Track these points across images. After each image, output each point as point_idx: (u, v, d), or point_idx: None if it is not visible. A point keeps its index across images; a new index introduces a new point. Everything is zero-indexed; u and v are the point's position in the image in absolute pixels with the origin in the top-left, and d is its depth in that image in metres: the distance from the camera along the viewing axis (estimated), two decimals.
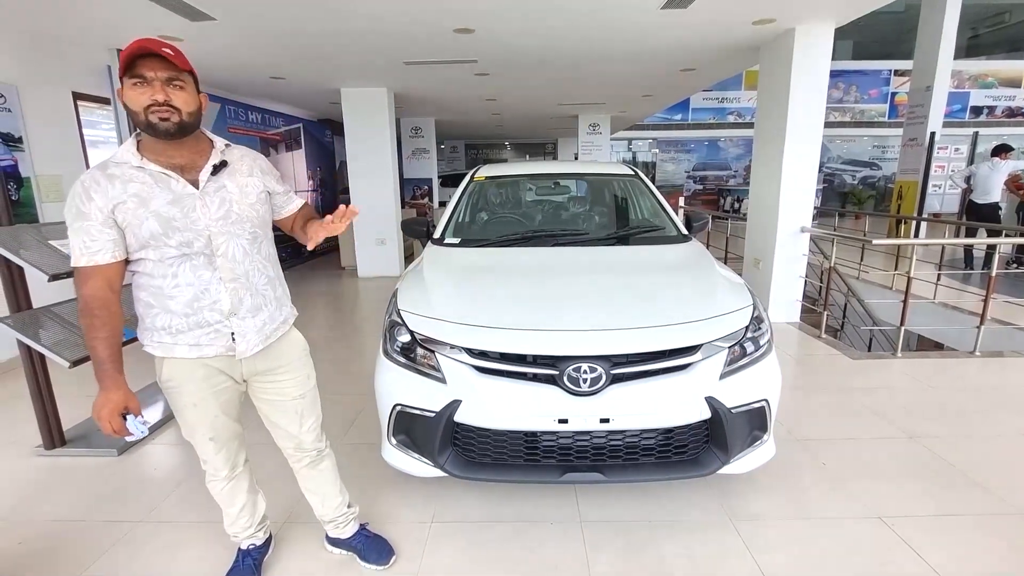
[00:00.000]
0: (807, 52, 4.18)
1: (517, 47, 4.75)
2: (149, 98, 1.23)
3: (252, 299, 1.43)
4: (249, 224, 1.42)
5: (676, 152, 16.30)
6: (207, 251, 1.35)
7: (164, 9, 3.47)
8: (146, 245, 1.31)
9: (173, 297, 1.34)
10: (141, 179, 1.29)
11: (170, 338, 1.37)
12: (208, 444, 1.52)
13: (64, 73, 4.36)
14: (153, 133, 1.27)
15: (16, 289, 2.42)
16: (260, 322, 1.45)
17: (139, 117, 1.25)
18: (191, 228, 1.32)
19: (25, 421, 2.71)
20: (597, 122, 9.95)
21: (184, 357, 1.39)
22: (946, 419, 2.81)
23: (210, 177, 1.36)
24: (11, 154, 3.89)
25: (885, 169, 15.19)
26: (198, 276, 1.35)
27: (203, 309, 1.36)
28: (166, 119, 1.25)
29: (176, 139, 1.30)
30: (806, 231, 4.55)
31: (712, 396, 1.82)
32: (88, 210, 1.26)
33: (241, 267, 1.40)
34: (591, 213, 3.46)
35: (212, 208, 1.35)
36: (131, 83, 1.24)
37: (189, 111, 1.29)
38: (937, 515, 2.03)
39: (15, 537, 1.96)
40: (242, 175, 1.43)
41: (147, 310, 1.37)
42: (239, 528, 1.69)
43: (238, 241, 1.39)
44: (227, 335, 1.40)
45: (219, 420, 1.50)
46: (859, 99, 14.65)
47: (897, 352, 3.84)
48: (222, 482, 1.60)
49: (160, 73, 1.24)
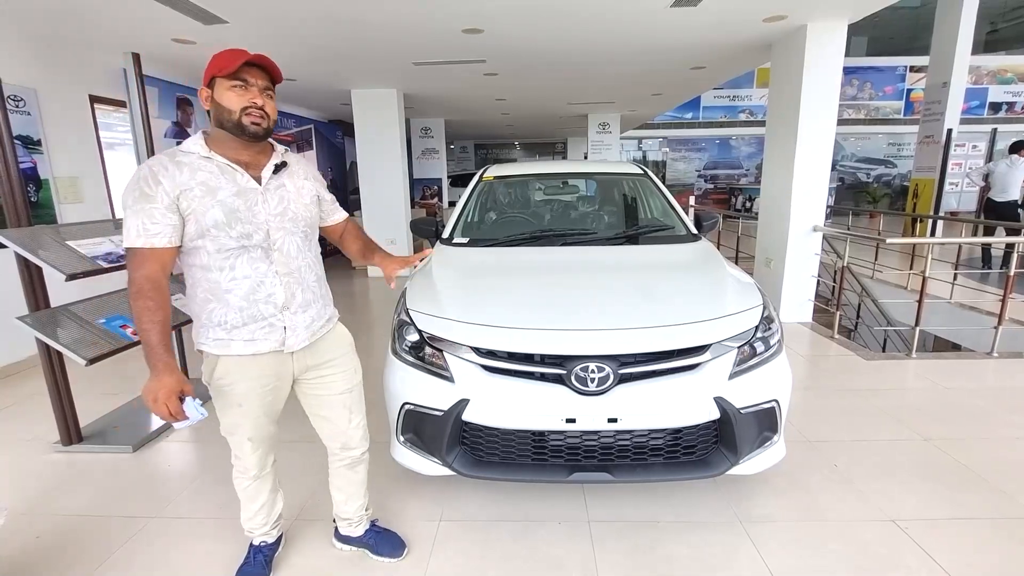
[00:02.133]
0: (819, 49, 4.13)
1: (526, 47, 4.75)
2: (248, 100, 1.34)
3: (303, 294, 1.49)
4: (303, 223, 1.50)
5: (687, 151, 16.18)
6: (264, 244, 1.41)
7: (178, 13, 3.52)
8: (205, 234, 1.34)
9: (230, 291, 1.39)
10: (208, 169, 1.36)
11: (225, 334, 1.41)
12: (245, 444, 1.55)
13: (81, 76, 4.45)
14: (240, 133, 1.36)
15: (35, 288, 2.47)
16: (309, 318, 1.52)
17: (232, 116, 1.34)
18: (252, 221, 1.38)
19: (43, 418, 2.77)
20: (607, 121, 9.92)
21: (239, 354, 1.43)
22: (961, 421, 2.76)
23: (271, 176, 1.44)
24: (30, 156, 3.98)
25: (900, 167, 14.95)
26: (255, 268, 1.40)
27: (258, 302, 1.41)
28: (258, 123, 1.36)
29: (258, 142, 1.41)
30: (818, 230, 4.50)
31: (721, 396, 1.80)
32: (154, 193, 1.29)
33: (295, 262, 1.47)
34: (600, 212, 3.45)
35: (272, 204, 1.43)
36: (230, 85, 1.34)
37: (273, 119, 1.42)
38: (951, 518, 2.00)
39: (33, 531, 2.01)
40: (299, 177, 1.52)
41: (204, 306, 1.41)
42: (255, 524, 1.72)
43: (292, 238, 1.47)
44: (280, 329, 1.45)
45: (260, 422, 1.54)
46: (874, 96, 14.42)
47: (912, 353, 3.79)
48: (249, 480, 1.64)
49: (260, 82, 1.37)
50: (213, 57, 1.35)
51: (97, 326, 2.59)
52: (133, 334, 2.67)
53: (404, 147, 7.10)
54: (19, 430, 2.87)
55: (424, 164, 10.51)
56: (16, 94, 3.84)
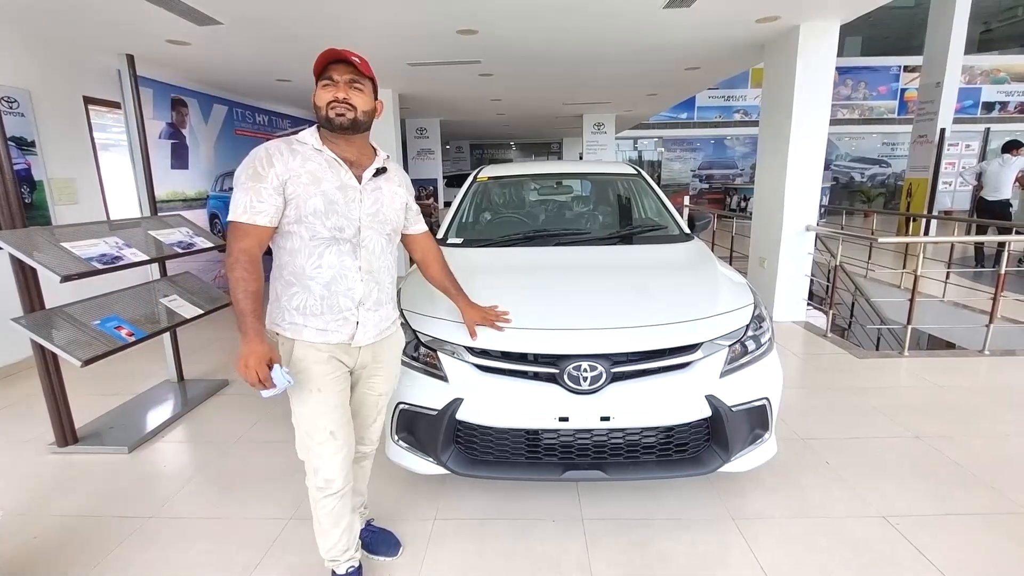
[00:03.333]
0: (812, 49, 4.16)
1: (520, 48, 4.77)
2: (332, 95, 1.40)
3: (379, 293, 1.54)
4: (390, 226, 1.55)
5: (682, 151, 16.24)
6: (354, 240, 1.46)
7: (172, 14, 3.52)
8: (302, 220, 1.40)
9: (313, 278, 1.43)
10: (318, 160, 1.43)
11: (302, 319, 1.45)
12: (328, 443, 1.48)
13: (75, 78, 4.44)
14: (330, 127, 1.42)
15: (30, 290, 2.47)
16: (379, 317, 1.55)
17: (321, 112, 1.42)
18: (347, 215, 1.44)
19: (40, 419, 2.76)
20: (602, 121, 9.94)
21: (310, 341, 1.45)
22: (953, 418, 2.79)
23: (371, 178, 1.50)
24: (24, 158, 3.96)
25: (895, 166, 15.03)
26: (341, 261, 1.45)
27: (338, 294, 1.45)
28: (342, 114, 1.40)
29: (348, 134, 1.44)
30: (811, 229, 4.53)
31: (712, 394, 1.82)
32: (266, 174, 1.36)
33: (377, 261, 1.52)
34: (593, 212, 3.47)
35: (367, 204, 1.48)
36: (322, 84, 1.42)
37: (364, 110, 1.44)
38: (943, 514, 2.02)
39: (30, 532, 2.01)
40: (394, 184, 1.58)
41: (286, 288, 1.45)
42: (338, 551, 1.61)
43: (379, 238, 1.52)
44: (353, 323, 1.49)
45: (338, 412, 1.51)
46: (868, 96, 14.50)
47: (904, 351, 3.82)
48: (335, 497, 1.53)
49: (345, 76, 1.41)
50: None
51: (92, 327, 2.59)
52: (128, 335, 2.68)
53: (399, 147, 7.10)
54: (15, 431, 2.87)
55: (419, 164, 10.51)
56: (10, 95, 3.83)
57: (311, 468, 1.52)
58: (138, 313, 2.89)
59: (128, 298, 2.94)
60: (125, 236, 2.85)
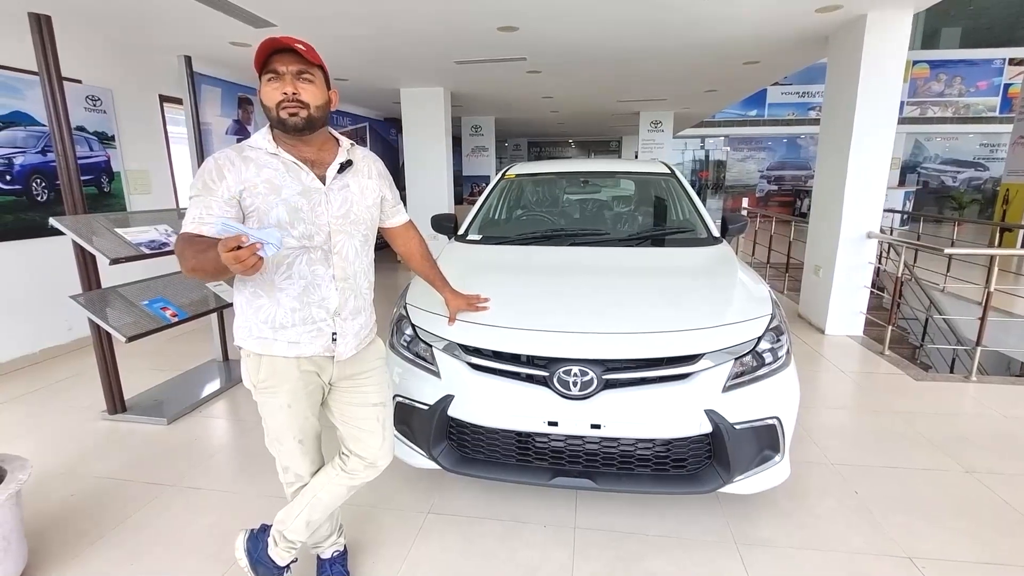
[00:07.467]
0: (879, 41, 3.81)
1: (563, 44, 4.70)
2: (280, 93, 1.26)
3: (355, 301, 1.44)
4: (363, 226, 1.44)
5: (750, 150, 15.44)
6: (325, 247, 1.36)
7: (230, 18, 3.76)
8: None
9: (283, 290, 1.33)
10: (274, 166, 1.32)
11: (271, 332, 1.35)
12: (296, 448, 1.47)
13: (151, 78, 4.85)
14: (284, 129, 1.30)
15: (88, 270, 2.72)
16: (358, 325, 1.46)
17: (271, 113, 1.29)
18: (314, 222, 1.33)
19: (99, 389, 3.04)
20: (659, 119, 9.62)
21: (282, 355, 1.37)
22: (1015, 454, 2.48)
23: (336, 175, 1.38)
24: (105, 151, 4.38)
25: (993, 170, 13.53)
26: (312, 270, 1.35)
27: (311, 305, 1.36)
28: (295, 114, 1.28)
29: (305, 134, 1.32)
30: (873, 237, 4.16)
31: (713, 409, 1.72)
32: (216, 187, 1.27)
33: (352, 267, 1.42)
34: (618, 212, 3.36)
35: (335, 205, 1.36)
36: (266, 79, 1.28)
37: (317, 105, 1.31)
38: (980, 562, 1.80)
39: (68, 490, 2.23)
40: (363, 176, 1.45)
41: (251, 301, 1.36)
42: (321, 536, 1.64)
43: (352, 241, 1.41)
44: (328, 335, 1.39)
45: (308, 422, 1.47)
46: (963, 92, 13.12)
47: (971, 375, 3.43)
48: (305, 485, 1.55)
49: (291, 67, 1.27)
50: None
51: (140, 307, 2.82)
52: (172, 316, 2.89)
53: (449, 144, 7.21)
54: (78, 397, 3.18)
55: (473, 161, 10.64)
56: (94, 94, 4.25)
57: (280, 466, 1.53)
58: (186, 297, 3.12)
59: (178, 282, 3.18)
60: (175, 224, 3.08)
